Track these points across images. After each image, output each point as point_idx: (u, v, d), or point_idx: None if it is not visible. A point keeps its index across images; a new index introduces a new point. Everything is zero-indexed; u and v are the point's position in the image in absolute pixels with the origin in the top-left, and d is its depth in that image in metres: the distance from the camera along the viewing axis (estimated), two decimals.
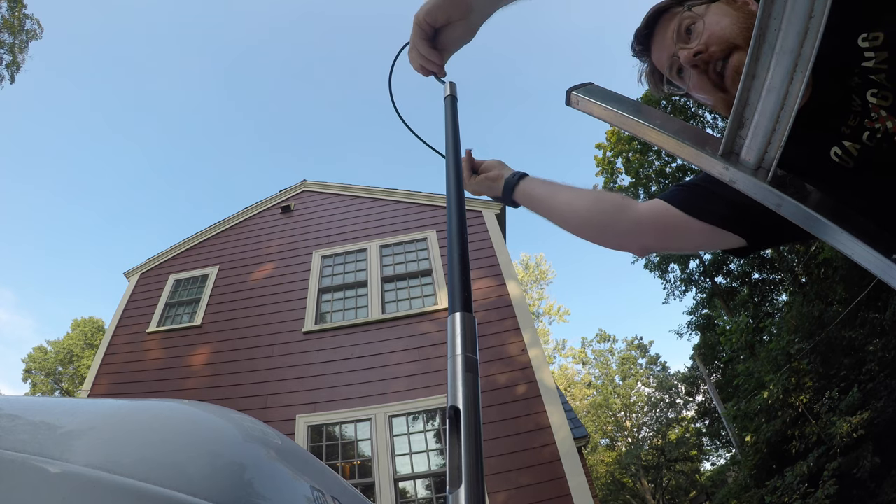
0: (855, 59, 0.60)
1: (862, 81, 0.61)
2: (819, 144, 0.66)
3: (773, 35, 0.43)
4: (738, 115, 0.50)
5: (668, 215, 0.82)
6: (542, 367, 6.21)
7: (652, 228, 0.84)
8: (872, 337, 9.56)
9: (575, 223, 0.92)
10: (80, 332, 32.21)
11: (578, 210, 0.90)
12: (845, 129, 0.64)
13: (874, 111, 0.60)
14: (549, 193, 0.94)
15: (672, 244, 0.88)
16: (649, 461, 26.26)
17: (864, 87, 0.60)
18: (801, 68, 0.44)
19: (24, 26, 15.52)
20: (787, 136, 0.48)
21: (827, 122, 0.65)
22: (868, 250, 0.46)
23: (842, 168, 0.64)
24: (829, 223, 0.48)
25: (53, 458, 0.37)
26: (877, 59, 0.59)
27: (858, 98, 0.61)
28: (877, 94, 0.59)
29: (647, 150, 17.34)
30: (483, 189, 1.02)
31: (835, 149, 0.65)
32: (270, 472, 0.49)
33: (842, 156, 0.64)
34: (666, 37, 0.78)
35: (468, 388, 0.34)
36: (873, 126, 0.61)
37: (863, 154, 0.62)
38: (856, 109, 0.62)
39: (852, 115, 0.63)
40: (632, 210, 0.86)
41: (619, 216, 0.87)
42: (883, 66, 0.58)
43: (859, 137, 0.62)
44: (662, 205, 0.83)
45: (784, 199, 0.50)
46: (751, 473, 12.02)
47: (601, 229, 0.90)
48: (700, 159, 0.57)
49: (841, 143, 0.64)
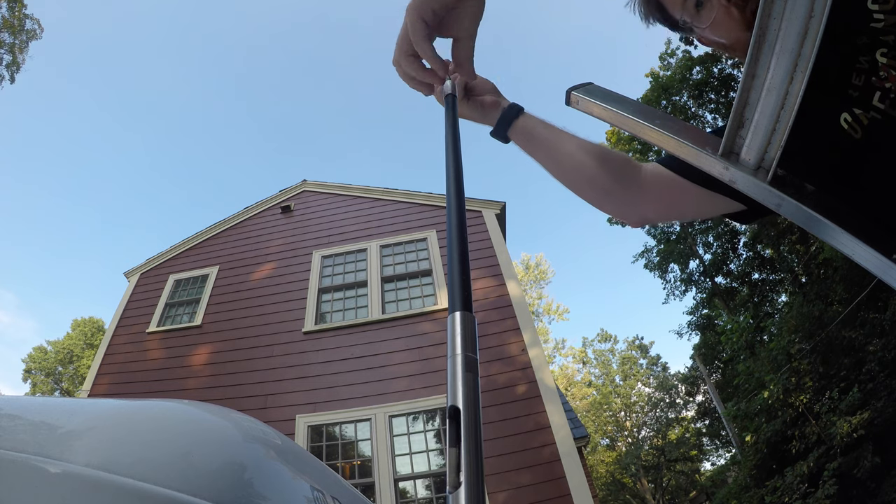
0: (863, 20, 0.58)
1: (870, 42, 0.59)
2: (828, 112, 0.63)
3: (773, 35, 0.43)
4: (737, 115, 0.50)
5: (671, 182, 0.77)
6: (542, 367, 6.21)
7: (655, 197, 0.79)
8: (872, 337, 9.56)
9: (577, 179, 0.83)
10: (80, 332, 32.22)
11: (584, 165, 0.81)
12: (852, 91, 0.61)
13: (883, 70, 0.58)
14: (552, 138, 0.83)
15: (673, 213, 0.83)
16: (649, 461, 26.26)
17: (873, 48, 0.59)
18: (801, 68, 0.44)
19: (24, 26, 15.52)
20: (788, 136, 0.48)
21: (833, 85, 0.62)
22: (868, 250, 0.46)
23: (850, 139, 0.62)
24: (830, 223, 0.48)
25: (53, 458, 0.37)
26: (886, 21, 0.57)
27: (866, 57, 0.59)
28: (887, 55, 0.58)
29: (648, 150, 17.32)
30: (475, 115, 0.87)
31: (844, 115, 0.61)
32: (270, 472, 0.49)
33: (851, 123, 0.61)
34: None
35: (468, 388, 0.34)
36: (883, 85, 0.58)
37: (872, 125, 0.60)
38: (862, 68, 0.60)
39: (856, 73, 0.60)
40: (638, 175, 0.80)
41: (626, 181, 0.80)
42: (894, 28, 0.57)
43: (869, 102, 0.60)
44: (663, 171, 0.78)
45: (784, 199, 0.51)
46: (751, 473, 12.03)
47: (605, 192, 0.82)
48: (700, 159, 0.57)
49: (851, 110, 0.61)
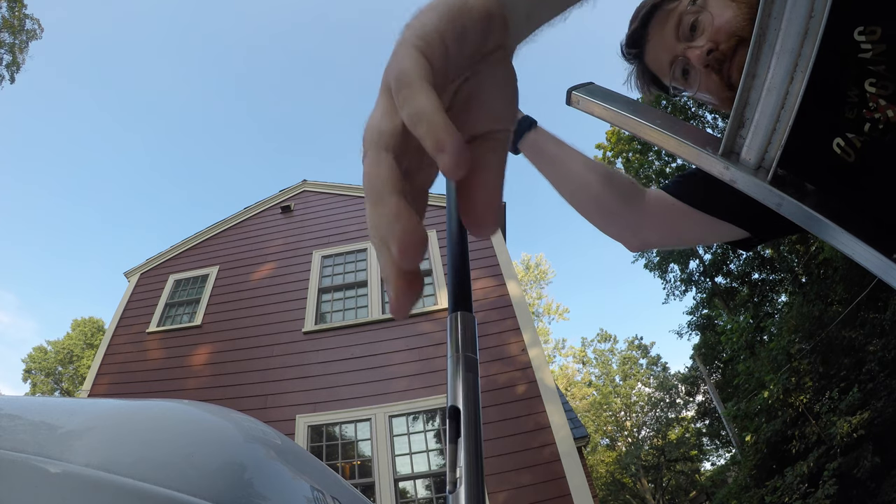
0: (851, 51, 0.59)
1: (859, 73, 0.59)
2: (821, 137, 0.64)
3: (773, 35, 0.43)
4: (738, 115, 0.50)
5: (673, 208, 0.78)
6: (542, 367, 6.21)
7: (658, 222, 0.80)
8: (872, 337, 9.56)
9: (583, 199, 0.84)
10: (80, 332, 32.21)
11: (590, 185, 0.82)
12: (844, 120, 0.62)
13: (872, 101, 0.59)
14: (561, 155, 0.85)
15: (674, 238, 0.83)
16: (649, 461, 26.25)
17: (862, 78, 0.59)
18: (801, 68, 0.44)
19: (24, 26, 15.52)
20: (788, 136, 0.48)
21: (825, 113, 0.63)
22: (868, 250, 0.46)
23: (844, 162, 0.62)
24: (830, 223, 0.48)
25: (53, 458, 0.37)
26: (874, 51, 0.57)
27: (856, 88, 0.60)
28: (876, 84, 0.58)
29: (647, 150, 17.33)
30: None
31: (837, 140, 0.62)
32: (270, 472, 0.49)
33: (844, 147, 0.62)
34: (665, 36, 0.72)
35: (468, 388, 0.34)
36: (873, 116, 0.59)
37: (865, 147, 0.61)
38: (852, 101, 0.61)
39: (849, 106, 0.61)
40: (642, 198, 0.81)
41: (630, 204, 0.81)
42: (882, 58, 0.57)
43: (861, 129, 0.60)
44: (666, 197, 0.79)
45: (784, 198, 0.51)
46: (751, 473, 12.02)
47: (608, 214, 0.83)
48: (700, 159, 0.57)
49: (844, 135, 0.62)
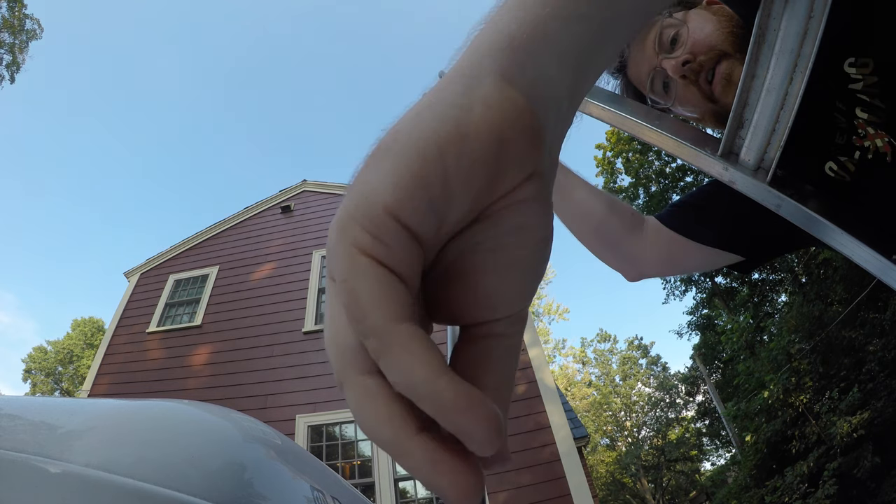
0: (841, 82, 0.59)
1: (849, 103, 0.60)
2: (813, 161, 0.65)
3: (772, 35, 0.43)
4: (737, 116, 0.50)
5: (670, 240, 0.78)
6: (542, 367, 6.21)
7: (657, 253, 0.80)
8: (872, 337, 9.55)
9: (584, 227, 0.84)
10: (80, 332, 32.23)
11: (592, 214, 0.82)
12: (834, 147, 0.62)
13: (861, 128, 0.59)
14: (564, 182, 0.84)
15: (672, 268, 0.83)
16: (649, 461, 26.27)
17: (852, 107, 0.60)
18: (800, 68, 0.44)
19: (24, 26, 15.53)
20: (787, 137, 0.48)
21: (815, 141, 0.64)
22: (868, 251, 0.46)
23: (839, 182, 0.63)
24: (829, 224, 0.48)
25: (53, 458, 0.37)
26: (865, 82, 0.58)
27: (844, 118, 0.61)
28: (866, 111, 0.59)
29: (647, 150, 17.32)
30: None
31: (829, 164, 0.63)
32: (270, 472, 0.49)
33: (837, 171, 0.63)
34: (645, 48, 0.72)
35: None
36: (862, 144, 0.60)
37: (859, 169, 0.61)
38: (842, 127, 0.61)
39: (839, 132, 0.62)
40: (643, 227, 0.81)
41: (631, 234, 0.81)
42: (872, 89, 0.58)
43: (851, 154, 0.61)
44: (662, 228, 0.79)
45: (783, 199, 0.50)
46: (751, 473, 12.02)
47: (608, 244, 0.83)
48: (699, 160, 0.57)
49: (836, 158, 0.62)
